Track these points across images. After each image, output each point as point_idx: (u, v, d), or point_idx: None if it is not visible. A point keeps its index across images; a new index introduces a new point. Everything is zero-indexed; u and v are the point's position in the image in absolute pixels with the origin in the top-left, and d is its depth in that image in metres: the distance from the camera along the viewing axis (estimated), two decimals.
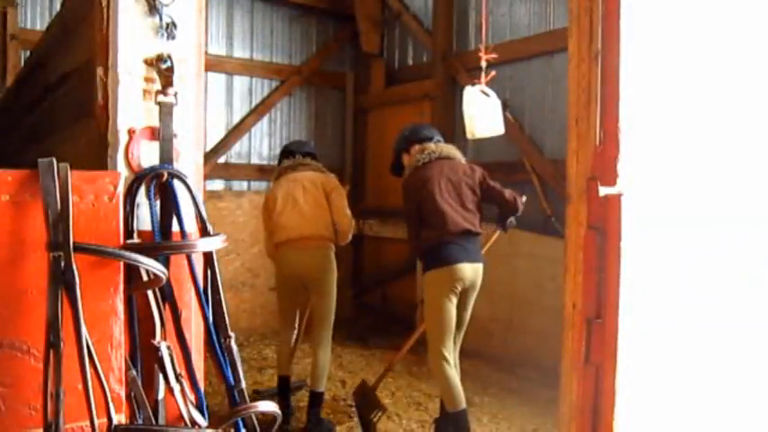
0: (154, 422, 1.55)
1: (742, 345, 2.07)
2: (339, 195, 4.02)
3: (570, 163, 1.90)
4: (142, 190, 1.56)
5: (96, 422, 1.34)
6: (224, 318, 1.62)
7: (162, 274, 1.48)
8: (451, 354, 3.47)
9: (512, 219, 3.72)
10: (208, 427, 1.57)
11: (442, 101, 6.16)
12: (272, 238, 4.00)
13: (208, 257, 1.61)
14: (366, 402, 3.89)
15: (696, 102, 1.96)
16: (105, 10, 1.57)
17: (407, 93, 6.65)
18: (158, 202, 1.58)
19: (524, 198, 3.73)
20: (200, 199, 1.60)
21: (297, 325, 4.21)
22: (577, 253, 1.85)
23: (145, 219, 1.56)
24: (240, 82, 6.62)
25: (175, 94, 1.58)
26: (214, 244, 1.57)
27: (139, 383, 1.53)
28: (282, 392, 4.12)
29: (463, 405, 3.42)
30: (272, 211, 3.98)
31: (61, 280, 1.33)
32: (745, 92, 2.09)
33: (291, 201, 3.91)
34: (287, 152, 4.26)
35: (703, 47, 1.97)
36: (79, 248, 1.36)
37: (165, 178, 1.57)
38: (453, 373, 3.43)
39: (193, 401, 1.60)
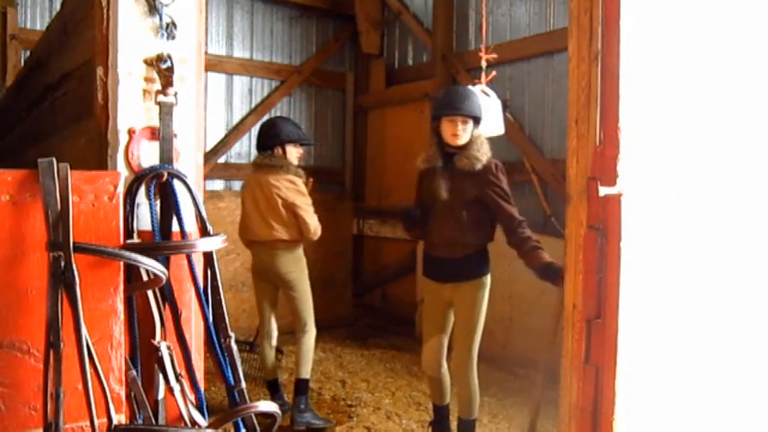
0: (154, 422, 1.55)
1: (742, 344, 2.07)
2: (300, 211, 3.96)
3: (570, 163, 1.90)
4: (142, 190, 1.56)
5: (96, 422, 1.34)
6: (224, 318, 1.62)
7: (162, 275, 1.48)
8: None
9: None
10: (208, 427, 1.57)
11: None
12: (245, 234, 4.21)
13: (208, 257, 1.61)
14: None
15: (696, 101, 1.96)
16: (105, 10, 1.57)
17: (407, 93, 6.65)
18: (158, 202, 1.58)
19: None
20: (200, 199, 1.60)
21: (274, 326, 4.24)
22: (577, 253, 1.85)
23: (145, 219, 1.56)
24: (240, 82, 6.61)
25: (175, 94, 1.58)
26: (214, 244, 1.57)
27: (139, 383, 1.53)
28: (273, 394, 4.18)
29: (477, 414, 3.39)
30: (242, 210, 4.22)
31: (61, 280, 1.33)
32: (745, 91, 2.09)
33: (255, 206, 4.05)
34: (258, 143, 4.22)
35: (703, 46, 1.97)
36: (79, 248, 1.36)
37: (165, 178, 1.57)
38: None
39: (193, 401, 1.60)
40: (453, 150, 3.25)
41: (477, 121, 3.27)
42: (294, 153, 4.13)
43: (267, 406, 1.65)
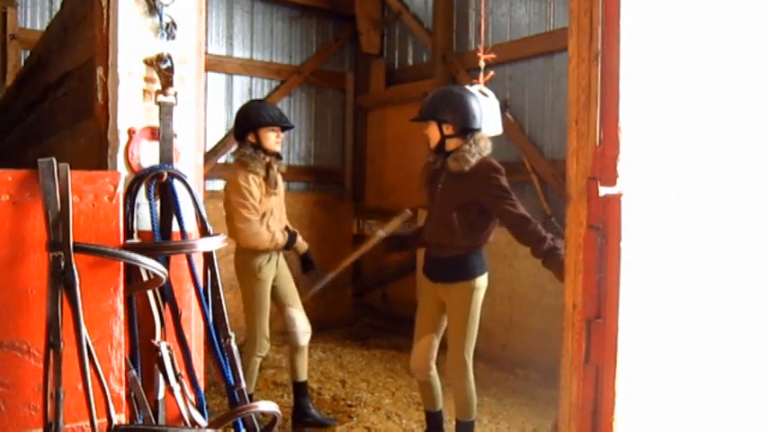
0: (154, 422, 1.55)
1: (742, 345, 2.07)
2: (233, 211, 3.62)
3: (570, 163, 1.90)
4: (142, 190, 1.56)
5: (96, 422, 1.34)
6: (224, 318, 1.62)
7: (162, 274, 1.48)
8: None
9: None
10: (208, 427, 1.57)
11: None
12: None
13: (208, 257, 1.61)
14: None
15: (696, 101, 1.96)
16: (105, 10, 1.57)
17: (407, 93, 6.65)
18: (158, 202, 1.58)
19: None
20: (200, 199, 1.60)
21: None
22: (577, 253, 1.85)
23: (145, 219, 1.56)
24: (240, 82, 6.62)
25: (175, 94, 1.58)
26: (214, 244, 1.57)
27: (139, 383, 1.53)
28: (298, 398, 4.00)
29: (475, 415, 3.37)
30: None
31: (61, 280, 1.34)
32: (746, 91, 2.09)
33: None
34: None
35: (704, 46, 1.97)
36: (79, 248, 1.36)
37: (165, 178, 1.57)
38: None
39: (193, 401, 1.60)
40: (448, 152, 3.24)
41: (442, 121, 3.21)
42: (272, 138, 3.68)
43: (267, 406, 1.65)
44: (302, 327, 3.88)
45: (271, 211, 3.75)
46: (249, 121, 3.66)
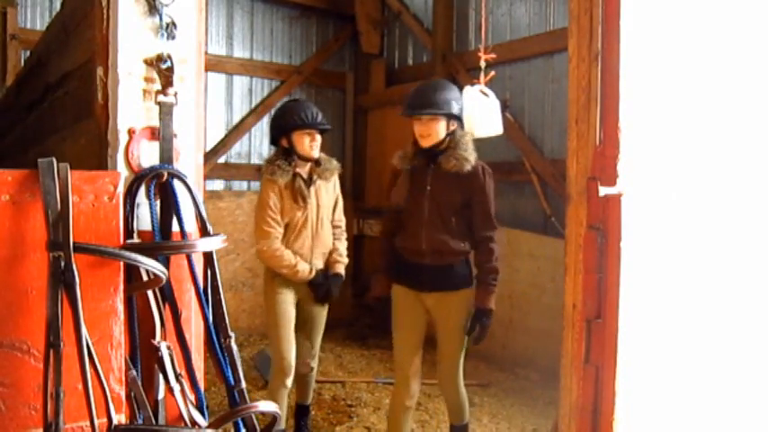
0: (154, 422, 1.55)
1: (742, 344, 2.07)
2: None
3: (570, 163, 1.90)
4: (142, 190, 1.56)
5: (96, 422, 1.34)
6: (224, 318, 1.62)
7: (162, 275, 1.48)
8: None
9: None
10: (208, 427, 1.57)
11: None
12: None
13: (208, 257, 1.61)
14: None
15: (696, 101, 1.96)
16: (105, 10, 1.57)
17: (407, 93, 6.65)
18: (158, 202, 1.58)
19: None
20: (200, 199, 1.60)
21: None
22: (577, 253, 1.85)
23: (145, 219, 1.56)
24: (240, 82, 6.62)
25: (175, 94, 1.58)
26: (214, 244, 1.57)
27: (139, 383, 1.53)
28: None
29: (468, 417, 3.34)
30: None
31: (61, 280, 1.33)
32: (745, 91, 2.09)
33: None
34: None
35: (703, 46, 1.97)
36: (79, 248, 1.36)
37: (165, 178, 1.57)
38: None
39: (193, 401, 1.60)
40: (437, 150, 3.02)
41: (451, 117, 2.99)
42: (305, 142, 3.31)
43: (267, 406, 1.65)
44: (301, 357, 3.53)
45: (296, 227, 3.34)
46: (280, 124, 3.33)
